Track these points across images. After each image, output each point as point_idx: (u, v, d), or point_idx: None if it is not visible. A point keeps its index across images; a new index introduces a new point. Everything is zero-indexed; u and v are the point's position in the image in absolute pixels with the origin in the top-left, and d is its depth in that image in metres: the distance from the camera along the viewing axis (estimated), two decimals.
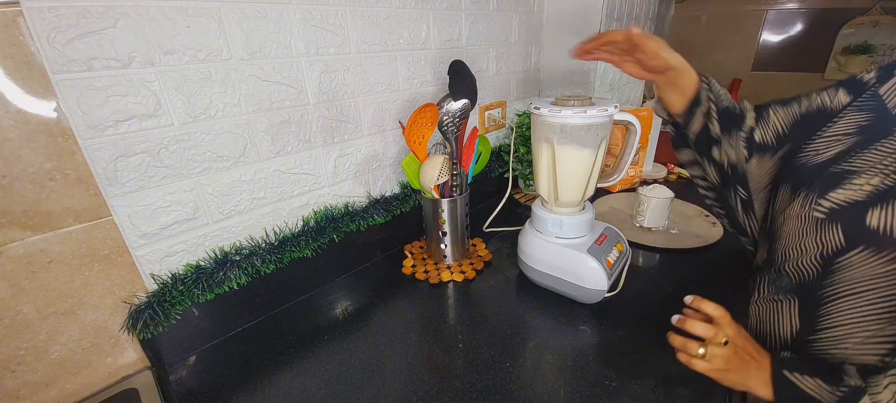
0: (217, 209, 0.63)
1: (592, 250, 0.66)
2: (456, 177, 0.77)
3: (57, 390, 0.55)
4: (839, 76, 1.53)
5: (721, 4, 1.72)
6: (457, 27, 0.89)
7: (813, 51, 1.57)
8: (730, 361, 0.47)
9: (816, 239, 0.48)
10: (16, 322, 0.50)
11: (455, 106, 0.72)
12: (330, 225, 0.76)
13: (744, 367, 0.47)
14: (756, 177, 0.60)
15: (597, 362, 0.58)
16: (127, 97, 0.50)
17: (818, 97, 0.53)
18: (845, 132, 0.49)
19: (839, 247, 0.45)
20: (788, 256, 0.52)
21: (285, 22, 0.61)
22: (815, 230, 0.48)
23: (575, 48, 0.61)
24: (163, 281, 0.59)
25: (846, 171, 0.46)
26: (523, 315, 0.69)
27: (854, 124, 0.49)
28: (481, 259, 0.85)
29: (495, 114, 1.09)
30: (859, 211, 0.44)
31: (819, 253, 0.47)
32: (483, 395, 0.53)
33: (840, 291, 0.46)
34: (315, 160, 0.72)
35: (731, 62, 1.76)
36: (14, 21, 0.42)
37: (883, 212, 0.42)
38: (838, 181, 0.46)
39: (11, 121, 0.44)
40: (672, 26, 1.84)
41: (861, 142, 0.47)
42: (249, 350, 0.64)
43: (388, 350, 0.62)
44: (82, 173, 0.50)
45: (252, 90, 0.61)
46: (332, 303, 0.74)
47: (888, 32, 1.41)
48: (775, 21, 1.62)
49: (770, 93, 1.72)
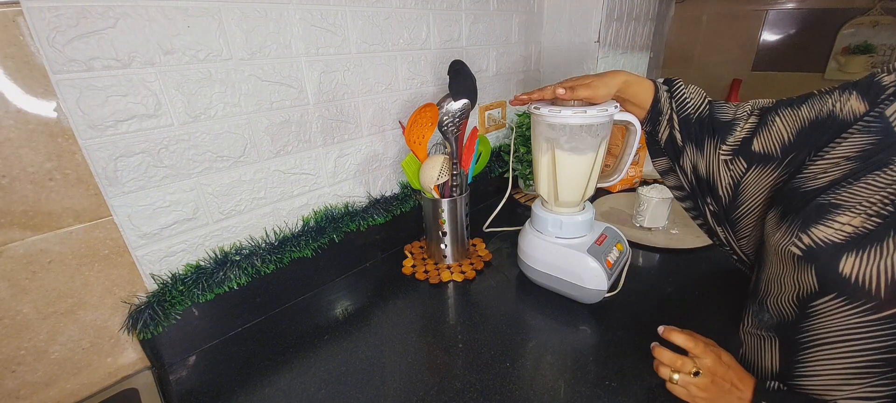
0: (217, 209, 0.63)
1: (592, 250, 0.66)
2: (456, 177, 0.77)
3: (57, 390, 0.55)
4: (839, 76, 1.53)
5: (721, 4, 1.72)
6: (457, 27, 0.89)
7: (813, 51, 1.57)
8: (707, 389, 0.46)
9: (793, 277, 0.44)
10: (16, 322, 0.50)
11: (455, 106, 0.72)
12: (330, 225, 0.76)
13: (722, 396, 0.46)
14: (754, 190, 0.55)
15: (597, 362, 0.58)
16: (127, 97, 0.50)
17: (829, 100, 0.47)
18: (846, 155, 0.44)
19: (812, 291, 0.42)
20: (770, 290, 0.49)
21: (285, 22, 0.61)
22: (792, 267, 0.44)
23: (513, 98, 0.65)
24: (163, 281, 0.59)
25: (832, 205, 0.42)
26: (523, 315, 0.69)
27: (857, 148, 0.43)
28: (481, 259, 0.85)
29: (495, 114, 1.09)
30: (834, 254, 0.40)
31: (795, 294, 0.44)
32: (483, 395, 0.53)
33: (818, 338, 0.43)
34: (315, 160, 0.72)
35: (731, 62, 1.76)
36: (14, 21, 0.42)
37: (857, 260, 0.38)
38: (822, 215, 0.42)
39: (11, 121, 0.44)
40: (672, 26, 1.84)
41: (856, 171, 0.42)
42: (249, 350, 0.64)
43: (388, 350, 0.62)
44: (82, 173, 0.50)
45: (252, 90, 0.61)
46: (331, 303, 0.74)
47: (888, 32, 1.41)
48: (775, 21, 1.62)
49: (770, 93, 1.71)
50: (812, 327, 0.43)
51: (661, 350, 0.50)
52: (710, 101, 0.60)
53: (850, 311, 0.40)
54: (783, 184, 0.51)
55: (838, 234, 0.40)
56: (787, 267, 0.45)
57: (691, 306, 0.68)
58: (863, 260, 0.38)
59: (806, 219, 0.43)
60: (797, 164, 0.49)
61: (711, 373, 0.46)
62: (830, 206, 0.42)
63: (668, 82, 0.61)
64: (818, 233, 0.41)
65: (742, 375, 0.47)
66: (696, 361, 0.47)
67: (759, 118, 0.54)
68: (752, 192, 0.56)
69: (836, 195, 0.42)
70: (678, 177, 0.64)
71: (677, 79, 0.61)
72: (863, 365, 0.40)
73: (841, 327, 0.41)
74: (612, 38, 1.11)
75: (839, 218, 0.41)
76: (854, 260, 0.38)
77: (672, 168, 0.64)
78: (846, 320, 0.40)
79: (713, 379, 0.46)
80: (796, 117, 0.50)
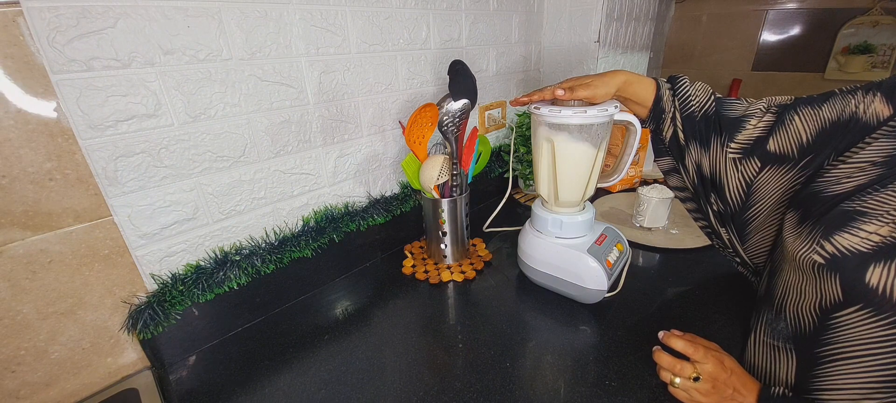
0: (217, 209, 0.63)
1: (592, 250, 0.66)
2: (456, 177, 0.77)
3: (57, 390, 0.55)
4: (839, 76, 1.53)
5: (721, 4, 1.72)
6: (457, 27, 0.89)
7: (813, 51, 1.57)
8: (708, 395, 0.46)
9: (815, 286, 0.43)
10: (16, 322, 0.50)
11: (455, 106, 0.72)
12: (330, 225, 0.76)
13: (724, 401, 0.46)
14: (767, 191, 0.53)
15: (597, 362, 0.58)
16: (127, 97, 0.50)
17: (852, 100, 0.46)
18: (872, 160, 0.42)
19: (837, 301, 0.40)
20: (787, 297, 0.47)
21: (285, 22, 0.61)
22: (813, 275, 0.43)
23: (513, 100, 0.64)
24: (163, 281, 0.59)
25: (857, 212, 0.40)
26: (523, 315, 0.69)
27: (884, 153, 0.41)
28: (481, 259, 0.85)
29: (495, 114, 1.09)
30: (861, 263, 0.38)
31: (817, 303, 0.43)
32: (483, 395, 0.53)
33: (839, 352, 0.41)
34: (315, 160, 0.72)
35: (731, 62, 1.76)
36: (14, 21, 0.42)
37: (885, 270, 0.37)
38: (846, 222, 0.40)
39: (11, 121, 0.44)
40: (672, 26, 1.84)
41: (883, 178, 0.40)
42: (249, 350, 0.64)
43: (388, 350, 0.62)
44: (82, 173, 0.50)
45: (252, 90, 0.61)
46: (331, 303, 0.74)
47: (888, 32, 1.41)
48: (775, 21, 1.62)
49: (770, 92, 1.72)
50: (834, 339, 0.41)
51: (661, 354, 0.50)
52: (717, 98, 0.58)
53: (877, 323, 0.38)
54: (801, 187, 0.49)
55: (865, 244, 0.38)
56: (808, 275, 0.44)
57: (691, 306, 0.68)
58: (891, 270, 0.37)
59: (829, 226, 0.41)
60: (816, 167, 0.48)
61: (712, 379, 0.46)
62: (856, 214, 0.40)
63: (672, 80, 0.60)
64: (842, 242, 0.40)
65: (745, 380, 0.46)
66: (697, 366, 0.47)
67: (777, 116, 0.52)
68: (764, 193, 0.54)
69: (861, 202, 0.40)
70: (682, 178, 0.63)
71: (682, 76, 0.60)
72: (885, 380, 0.39)
73: (865, 339, 0.39)
74: (612, 37, 1.11)
75: (866, 226, 0.39)
76: (882, 271, 0.37)
77: (676, 168, 0.64)
78: (871, 332, 0.39)
79: (714, 385, 0.46)
80: (817, 117, 0.48)
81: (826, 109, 0.48)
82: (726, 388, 0.46)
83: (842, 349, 0.41)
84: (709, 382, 0.46)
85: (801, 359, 0.45)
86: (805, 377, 0.45)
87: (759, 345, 0.52)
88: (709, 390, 0.46)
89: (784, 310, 0.48)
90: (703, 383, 0.46)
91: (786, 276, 0.48)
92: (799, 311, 0.45)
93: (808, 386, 0.45)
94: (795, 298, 0.46)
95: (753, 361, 0.53)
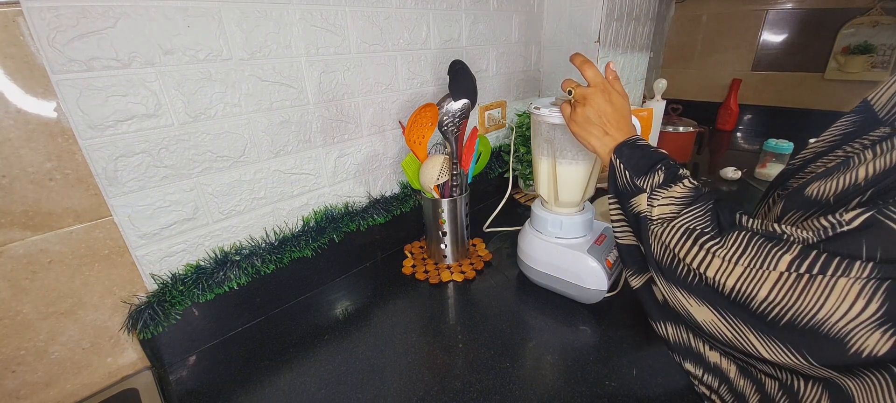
0: (217, 209, 0.63)
1: (592, 250, 0.66)
2: (456, 177, 0.77)
3: (57, 390, 0.55)
4: (839, 76, 1.52)
5: (721, 4, 1.71)
6: (457, 27, 0.89)
7: (813, 51, 1.57)
8: (574, 115, 0.51)
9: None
10: (16, 322, 0.50)
11: (455, 106, 0.72)
12: (330, 225, 0.76)
13: (589, 127, 0.50)
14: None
15: (597, 362, 0.58)
16: (127, 97, 0.50)
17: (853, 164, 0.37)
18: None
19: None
20: None
21: (285, 22, 0.61)
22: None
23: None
24: (163, 281, 0.59)
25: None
26: (523, 315, 0.69)
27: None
28: (481, 259, 0.85)
29: (495, 114, 1.09)
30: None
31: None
32: (483, 395, 0.53)
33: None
34: (315, 160, 0.72)
35: (731, 62, 1.76)
36: (14, 21, 0.42)
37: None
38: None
39: (11, 121, 0.44)
40: (672, 26, 1.84)
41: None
42: (249, 350, 0.64)
43: (388, 350, 0.62)
44: (82, 173, 0.50)
45: (252, 90, 0.61)
46: (331, 303, 0.74)
47: (888, 32, 1.41)
48: (775, 21, 1.62)
49: (770, 92, 1.72)
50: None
51: (577, 59, 0.52)
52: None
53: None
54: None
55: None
56: None
57: None
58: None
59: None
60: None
61: (584, 99, 0.48)
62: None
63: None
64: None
65: (622, 124, 0.49)
66: (580, 88, 0.50)
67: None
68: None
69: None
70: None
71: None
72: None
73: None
74: (612, 37, 1.11)
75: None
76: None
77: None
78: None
79: (584, 104, 0.48)
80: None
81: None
82: (597, 116, 0.48)
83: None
84: (581, 103, 0.49)
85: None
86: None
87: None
88: (576, 112, 0.49)
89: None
90: (579, 104, 0.49)
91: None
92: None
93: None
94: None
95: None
